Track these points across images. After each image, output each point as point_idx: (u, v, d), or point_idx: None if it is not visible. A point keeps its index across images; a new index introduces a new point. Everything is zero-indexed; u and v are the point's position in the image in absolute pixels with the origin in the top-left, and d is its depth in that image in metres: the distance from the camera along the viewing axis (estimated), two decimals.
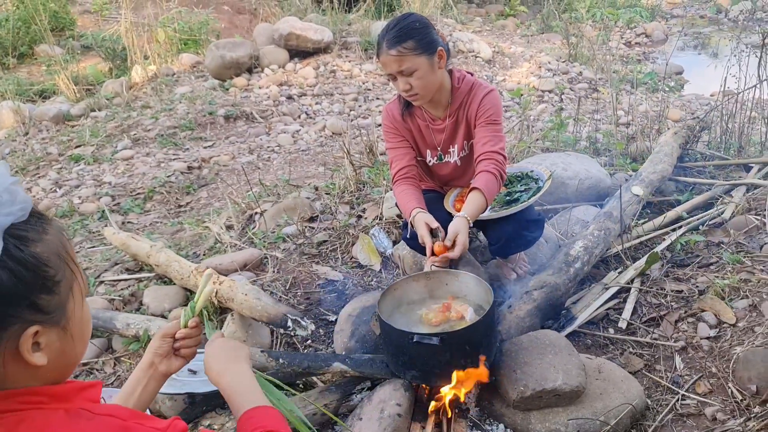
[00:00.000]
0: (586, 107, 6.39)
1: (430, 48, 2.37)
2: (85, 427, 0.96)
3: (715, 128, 4.51)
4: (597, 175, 3.61)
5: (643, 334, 2.62)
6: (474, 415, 2.25)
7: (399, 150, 2.62)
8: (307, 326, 2.44)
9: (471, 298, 2.34)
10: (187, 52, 8.02)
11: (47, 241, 0.96)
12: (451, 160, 2.71)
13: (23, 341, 0.93)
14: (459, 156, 2.68)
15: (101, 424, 0.97)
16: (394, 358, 2.17)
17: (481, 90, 2.55)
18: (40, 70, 8.48)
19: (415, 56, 2.34)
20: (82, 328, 1.04)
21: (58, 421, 0.95)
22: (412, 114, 2.63)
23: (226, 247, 3.49)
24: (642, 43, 10.48)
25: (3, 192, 0.91)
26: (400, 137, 2.64)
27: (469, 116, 2.58)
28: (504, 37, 9.73)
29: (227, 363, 1.42)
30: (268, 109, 6.41)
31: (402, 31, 2.35)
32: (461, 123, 2.61)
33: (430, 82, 2.42)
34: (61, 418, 0.95)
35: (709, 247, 3.07)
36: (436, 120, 2.62)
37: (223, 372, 1.41)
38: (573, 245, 2.90)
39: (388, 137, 2.66)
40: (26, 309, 0.93)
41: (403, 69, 2.36)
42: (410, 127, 2.64)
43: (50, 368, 0.98)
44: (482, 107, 2.53)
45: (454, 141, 2.66)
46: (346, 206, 3.82)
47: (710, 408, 2.17)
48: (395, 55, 2.33)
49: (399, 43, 2.33)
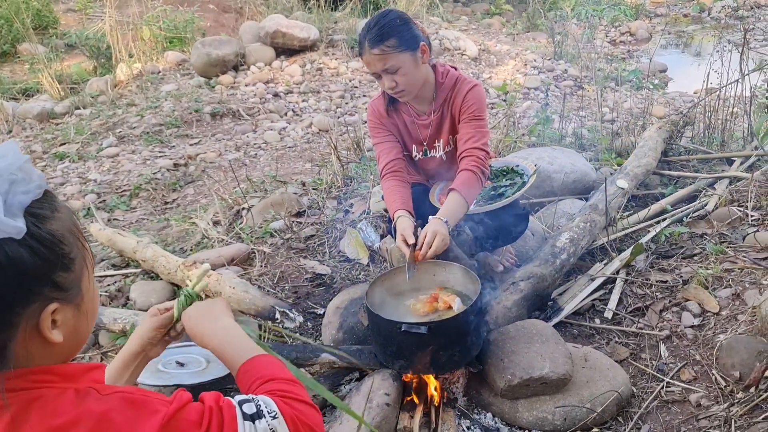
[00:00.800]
0: (571, 104, 6.43)
1: (412, 44, 2.37)
2: (95, 406, 0.95)
3: (698, 123, 4.56)
4: (582, 169, 3.64)
5: (628, 323, 2.65)
6: (462, 405, 2.26)
7: (385, 144, 2.62)
8: (295, 318, 2.44)
9: (458, 288, 2.35)
10: (173, 50, 7.99)
11: (60, 218, 0.96)
12: (437, 155, 2.71)
13: (44, 318, 0.93)
14: (444, 151, 2.69)
15: (111, 402, 0.97)
16: (382, 348, 2.18)
17: (465, 85, 2.55)
18: (23, 69, 8.41)
19: (398, 53, 2.33)
20: (93, 305, 1.05)
21: (69, 400, 0.95)
22: (398, 109, 2.63)
23: (213, 243, 3.49)
24: (626, 42, 10.58)
25: (18, 170, 0.91)
26: (387, 131, 2.64)
27: (453, 111, 2.58)
28: (490, 36, 9.77)
29: (209, 323, 1.35)
30: (254, 106, 6.40)
31: (383, 30, 2.33)
32: (446, 118, 2.61)
33: (415, 77, 2.43)
34: (71, 398, 0.95)
35: (692, 238, 3.11)
36: (422, 115, 2.63)
37: (208, 334, 1.33)
38: (559, 237, 2.92)
39: (375, 132, 2.66)
40: (47, 286, 0.93)
41: (387, 67, 2.34)
42: (396, 123, 2.65)
43: (64, 346, 0.99)
44: (466, 102, 2.53)
45: (440, 136, 2.66)
46: (334, 201, 3.83)
47: (695, 395, 2.20)
48: (378, 54, 2.31)
49: (381, 42, 2.31)
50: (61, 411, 0.93)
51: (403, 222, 2.36)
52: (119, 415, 0.95)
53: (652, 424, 2.14)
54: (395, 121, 2.66)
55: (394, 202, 2.47)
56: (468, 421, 2.22)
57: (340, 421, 2.09)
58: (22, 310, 0.92)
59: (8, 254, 0.87)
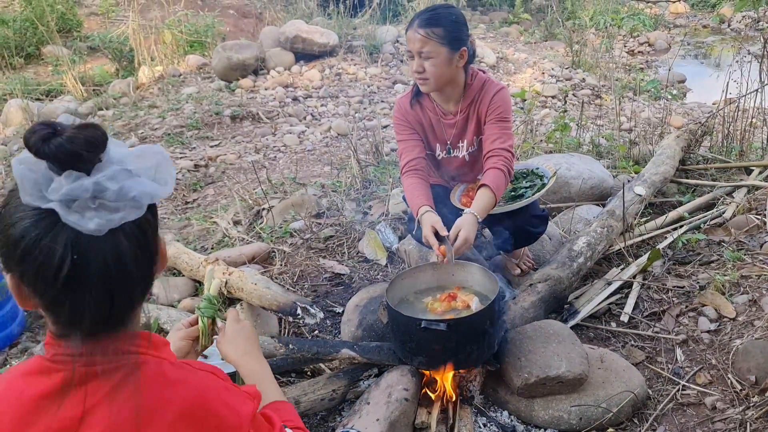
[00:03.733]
0: (589, 113, 6.45)
1: (454, 43, 2.43)
2: (192, 378, 1.04)
3: (716, 133, 4.57)
4: (600, 176, 3.67)
5: (644, 327, 2.67)
6: (479, 402, 2.30)
7: (409, 142, 2.66)
8: (316, 314, 2.48)
9: (477, 288, 2.39)
10: (194, 53, 8.10)
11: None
12: (460, 155, 2.75)
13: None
14: (468, 151, 2.72)
15: (206, 379, 1.06)
16: (401, 344, 2.22)
17: (493, 87, 2.60)
18: (47, 71, 8.54)
19: (438, 44, 2.40)
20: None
21: (169, 370, 1.03)
22: (424, 108, 2.67)
23: (234, 241, 3.54)
24: (645, 52, 10.56)
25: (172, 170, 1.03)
26: (411, 129, 2.68)
27: (479, 113, 2.62)
28: (508, 44, 9.80)
29: (248, 346, 1.51)
30: (273, 110, 6.47)
31: (437, 16, 2.42)
32: (472, 119, 2.65)
33: (443, 73, 2.47)
34: (170, 368, 1.03)
35: (710, 245, 3.12)
36: (447, 115, 2.67)
37: (247, 353, 1.49)
38: (576, 241, 2.95)
39: (399, 129, 2.70)
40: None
41: (423, 50, 2.41)
42: (421, 120, 2.69)
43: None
44: (493, 104, 2.57)
45: (464, 136, 2.70)
46: (353, 203, 3.88)
47: (710, 398, 2.22)
48: (422, 35, 2.39)
49: (429, 26, 2.39)
50: (165, 380, 1.01)
51: (432, 216, 2.38)
52: (217, 393, 1.05)
53: (667, 426, 2.16)
54: (420, 119, 2.69)
55: (418, 198, 2.49)
56: (484, 418, 2.25)
57: (359, 414, 2.13)
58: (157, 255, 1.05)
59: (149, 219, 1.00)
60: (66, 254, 0.90)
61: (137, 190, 0.94)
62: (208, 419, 1.02)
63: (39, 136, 0.90)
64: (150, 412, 0.97)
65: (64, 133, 0.91)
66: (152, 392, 0.99)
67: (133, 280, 0.98)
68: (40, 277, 0.92)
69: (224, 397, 1.05)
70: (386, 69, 7.61)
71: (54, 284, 0.91)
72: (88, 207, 0.90)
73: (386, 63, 7.73)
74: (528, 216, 2.69)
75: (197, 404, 1.01)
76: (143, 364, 1.00)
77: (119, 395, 0.97)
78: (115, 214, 0.92)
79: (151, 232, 1.01)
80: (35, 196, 0.90)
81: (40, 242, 0.90)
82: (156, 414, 0.97)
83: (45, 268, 0.90)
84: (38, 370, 0.99)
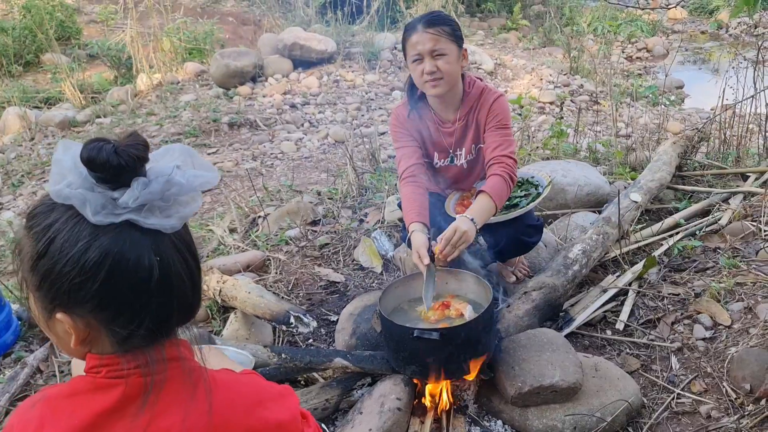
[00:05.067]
0: (586, 119, 6.46)
1: (460, 41, 2.48)
2: (245, 381, 1.06)
3: (713, 139, 4.57)
4: (596, 182, 3.66)
5: (639, 335, 2.66)
6: (473, 411, 2.28)
7: (407, 149, 2.64)
8: (309, 323, 2.48)
9: (471, 296, 2.38)
10: (192, 61, 8.11)
11: None
12: (458, 163, 2.75)
13: None
14: (466, 159, 2.72)
15: (251, 377, 1.09)
16: (394, 353, 2.21)
17: (491, 95, 2.61)
18: (46, 78, 8.56)
19: (449, 41, 2.43)
20: None
21: (218, 375, 1.03)
22: (422, 117, 2.66)
23: (230, 249, 3.54)
24: (643, 58, 10.60)
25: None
26: (409, 136, 2.66)
27: (478, 120, 2.62)
28: (506, 50, 9.82)
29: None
30: (271, 117, 6.48)
31: (440, 17, 2.47)
32: (471, 127, 2.65)
33: (455, 71, 2.49)
34: (217, 374, 1.03)
35: (705, 252, 3.11)
36: (446, 123, 2.66)
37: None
38: (572, 248, 2.94)
39: (397, 137, 2.69)
40: None
41: (436, 48, 2.41)
42: (419, 129, 2.67)
43: None
44: (492, 112, 2.57)
45: (462, 144, 2.70)
46: (349, 210, 3.88)
47: (705, 406, 2.21)
48: (432, 33, 2.40)
49: (437, 25, 2.41)
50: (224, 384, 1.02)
51: (418, 238, 2.33)
52: (270, 393, 1.07)
53: None
54: (418, 128, 2.68)
55: (411, 212, 2.46)
56: (478, 427, 2.24)
57: (351, 424, 2.12)
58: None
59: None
60: (152, 258, 0.92)
61: (200, 179, 0.97)
62: (269, 413, 1.03)
63: (106, 151, 0.91)
64: (221, 416, 0.98)
65: (120, 144, 0.92)
66: (218, 392, 1.00)
67: (199, 275, 1.02)
68: (132, 290, 0.92)
69: (274, 394, 1.07)
70: (384, 76, 7.63)
71: (147, 292, 0.93)
72: (161, 207, 0.93)
73: (384, 70, 7.75)
74: (523, 226, 2.68)
75: (258, 399, 1.03)
76: (195, 369, 1.01)
77: (186, 401, 0.97)
78: (187, 207, 0.96)
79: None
80: (107, 213, 0.91)
81: (125, 254, 0.91)
82: (227, 412, 0.99)
83: (136, 279, 0.92)
84: (90, 389, 0.97)
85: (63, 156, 0.95)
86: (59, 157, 0.95)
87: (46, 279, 0.93)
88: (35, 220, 0.95)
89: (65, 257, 0.91)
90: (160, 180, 0.93)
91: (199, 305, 1.05)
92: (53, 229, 0.93)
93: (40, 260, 0.93)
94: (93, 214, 0.90)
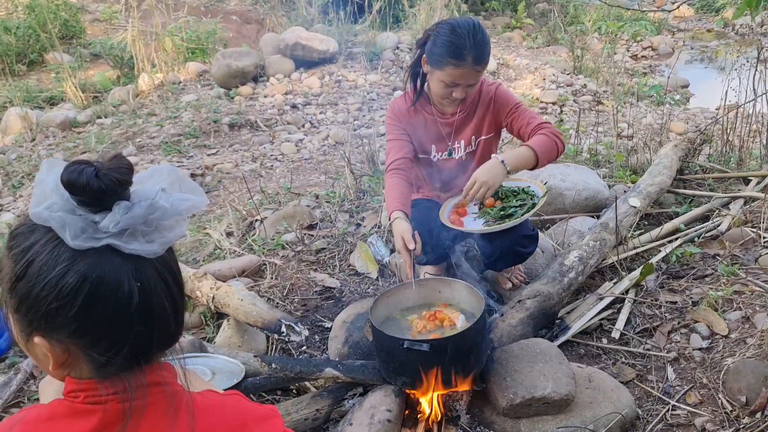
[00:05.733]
0: (589, 119, 6.41)
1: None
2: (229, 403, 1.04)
3: (716, 141, 4.52)
4: (595, 187, 3.62)
5: (636, 344, 2.63)
6: (465, 422, 2.26)
7: (398, 142, 2.64)
8: (300, 332, 2.46)
9: (463, 306, 2.36)
10: (194, 60, 8.10)
11: None
12: (456, 156, 2.73)
13: None
14: (465, 151, 2.71)
15: (234, 400, 1.06)
16: (385, 364, 2.19)
17: (491, 86, 2.65)
18: (50, 78, 8.57)
19: (484, 71, 2.45)
20: None
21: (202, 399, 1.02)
22: (420, 109, 2.66)
23: (226, 254, 3.52)
24: (648, 56, 10.50)
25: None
26: (402, 130, 2.67)
27: (479, 112, 2.65)
28: (510, 49, 9.77)
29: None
30: (272, 117, 6.46)
31: (486, 47, 2.41)
32: (470, 118, 2.66)
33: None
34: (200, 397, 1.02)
35: (704, 259, 3.08)
36: (445, 114, 2.67)
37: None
38: (568, 255, 2.91)
39: (390, 129, 2.69)
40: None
41: (474, 83, 2.45)
42: (417, 121, 2.66)
43: None
44: (498, 100, 2.63)
45: (461, 135, 2.69)
46: (346, 214, 3.86)
47: (700, 418, 2.18)
48: (479, 70, 2.41)
49: (483, 60, 2.40)
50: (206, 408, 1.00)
51: (401, 225, 2.37)
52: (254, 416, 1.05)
53: None
54: (416, 120, 2.68)
55: (394, 201, 2.48)
56: None
57: None
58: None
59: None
60: (132, 284, 0.90)
61: (186, 203, 0.95)
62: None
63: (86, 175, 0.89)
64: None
65: (102, 167, 0.90)
66: (200, 418, 0.98)
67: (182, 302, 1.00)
68: (111, 317, 0.91)
69: (258, 417, 1.05)
70: (386, 76, 7.59)
71: (127, 319, 0.91)
72: (143, 232, 0.91)
73: (386, 70, 7.72)
74: (518, 236, 2.65)
75: (239, 424, 1.01)
76: (177, 394, 0.99)
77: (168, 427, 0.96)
78: (171, 232, 0.94)
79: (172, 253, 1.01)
80: (87, 237, 0.89)
81: (105, 280, 0.89)
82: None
83: (117, 305, 0.90)
84: (68, 414, 0.95)
85: (46, 177, 0.93)
86: (42, 178, 0.93)
87: (23, 302, 0.92)
88: (15, 240, 0.94)
89: (43, 281, 0.89)
90: (143, 204, 0.91)
91: (180, 332, 1.03)
92: (32, 252, 0.91)
93: (18, 282, 0.91)
94: (72, 238, 0.89)
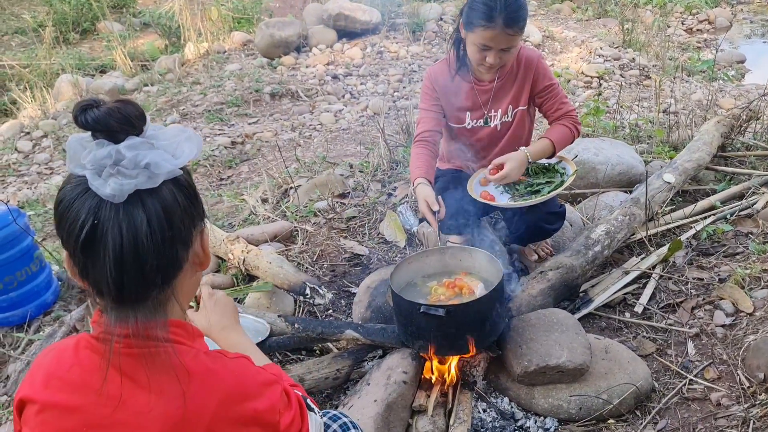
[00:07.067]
0: (635, 94, 6.27)
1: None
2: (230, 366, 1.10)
3: (763, 118, 4.38)
4: (629, 162, 3.58)
5: (658, 319, 2.62)
6: (481, 388, 2.31)
7: (429, 113, 2.66)
8: (324, 294, 2.54)
9: (483, 274, 2.39)
10: (240, 30, 8.20)
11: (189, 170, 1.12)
12: (492, 125, 2.71)
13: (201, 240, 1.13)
14: (501, 120, 2.69)
15: (240, 365, 1.13)
16: (403, 327, 2.25)
17: (530, 54, 2.61)
18: (101, 46, 8.81)
19: (520, 35, 2.39)
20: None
21: (205, 358, 1.09)
22: (458, 76, 2.63)
23: (260, 219, 3.62)
24: (704, 30, 10.14)
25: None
26: (434, 101, 2.67)
27: (521, 81, 2.62)
28: (558, 21, 9.56)
29: (225, 320, 1.59)
30: (313, 88, 6.52)
31: (521, 9, 2.34)
32: (509, 87, 2.63)
33: (512, 58, 2.53)
34: (205, 358, 1.09)
35: (737, 236, 3.02)
36: (482, 81, 2.64)
37: (225, 328, 1.58)
38: (595, 229, 2.90)
39: (424, 98, 2.70)
40: (199, 221, 1.12)
41: (508, 46, 2.38)
42: (453, 88, 2.64)
43: (187, 299, 1.16)
44: (538, 74, 2.61)
45: (499, 104, 2.66)
46: (378, 184, 3.90)
47: (716, 393, 2.18)
48: (511, 33, 2.34)
49: (517, 23, 2.33)
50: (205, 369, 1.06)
51: (424, 189, 2.43)
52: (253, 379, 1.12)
53: (669, 420, 2.14)
54: (452, 87, 2.65)
55: (418, 169, 2.52)
56: (485, 403, 2.27)
57: (359, 395, 2.18)
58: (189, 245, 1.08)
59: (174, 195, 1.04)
60: (87, 218, 0.97)
61: (149, 159, 0.99)
62: (246, 404, 1.07)
63: (80, 108, 1.00)
64: (194, 400, 1.03)
65: (102, 106, 1.00)
66: (195, 381, 1.04)
67: (144, 256, 0.99)
68: (67, 240, 1.00)
69: (258, 383, 1.11)
70: (428, 48, 7.55)
71: (75, 246, 0.98)
72: (110, 174, 0.97)
73: (429, 41, 7.67)
74: (543, 213, 2.65)
75: (237, 391, 1.07)
76: (180, 353, 1.05)
77: (160, 382, 1.02)
78: (130, 180, 0.97)
79: (179, 216, 1.04)
80: (75, 164, 1.00)
81: (72, 205, 0.99)
82: (200, 402, 1.03)
83: (71, 231, 0.98)
84: (86, 346, 1.07)
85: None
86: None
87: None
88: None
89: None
90: (114, 147, 0.99)
91: (145, 291, 1.03)
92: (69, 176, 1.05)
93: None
94: (68, 162, 1.01)
